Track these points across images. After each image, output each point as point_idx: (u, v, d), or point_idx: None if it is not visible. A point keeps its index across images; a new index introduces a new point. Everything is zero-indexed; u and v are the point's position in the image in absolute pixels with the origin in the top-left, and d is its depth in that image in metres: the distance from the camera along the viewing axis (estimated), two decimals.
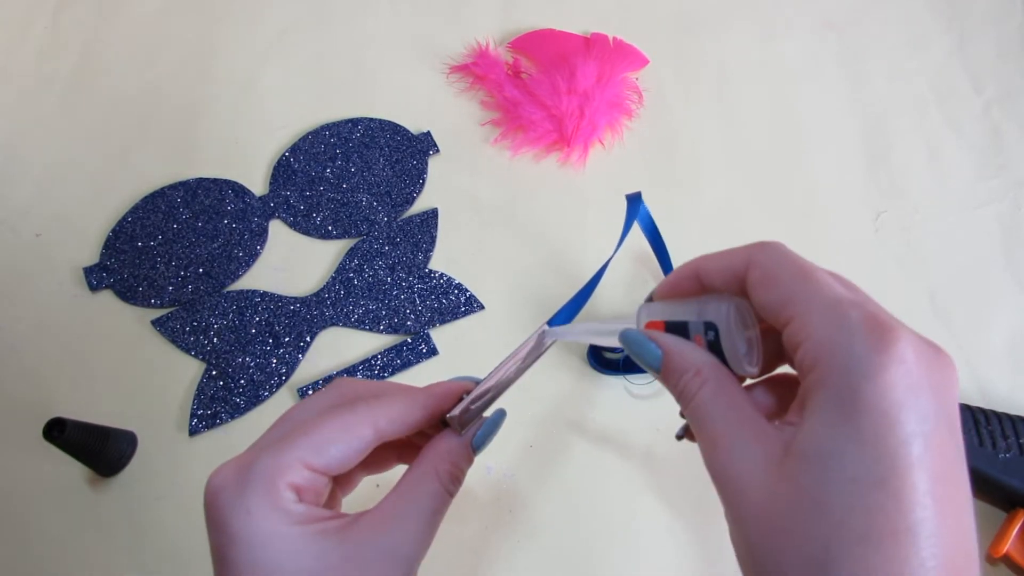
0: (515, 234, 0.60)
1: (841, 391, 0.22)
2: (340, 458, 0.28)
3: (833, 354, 0.22)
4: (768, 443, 0.24)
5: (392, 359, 0.53)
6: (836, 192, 0.62)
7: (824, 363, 0.22)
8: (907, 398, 0.21)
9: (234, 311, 0.55)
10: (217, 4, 0.72)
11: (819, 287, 0.24)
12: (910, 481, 0.21)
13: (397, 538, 0.27)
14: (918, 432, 0.21)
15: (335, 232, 0.59)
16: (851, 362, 0.22)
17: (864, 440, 0.21)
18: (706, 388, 0.26)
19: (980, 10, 0.73)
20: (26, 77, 0.67)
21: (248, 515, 0.26)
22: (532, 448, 0.50)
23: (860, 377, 0.22)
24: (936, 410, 0.22)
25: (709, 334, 0.27)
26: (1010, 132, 0.65)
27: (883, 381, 0.21)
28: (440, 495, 0.29)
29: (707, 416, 0.26)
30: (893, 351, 0.22)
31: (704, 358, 0.27)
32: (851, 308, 0.23)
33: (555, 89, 0.63)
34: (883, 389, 0.21)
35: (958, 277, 0.58)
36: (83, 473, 0.49)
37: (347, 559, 0.26)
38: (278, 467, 0.27)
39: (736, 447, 0.24)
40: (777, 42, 0.71)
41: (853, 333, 0.22)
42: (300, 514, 0.27)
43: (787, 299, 0.24)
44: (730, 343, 0.26)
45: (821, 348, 0.23)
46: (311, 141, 0.63)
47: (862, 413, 0.21)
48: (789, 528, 0.22)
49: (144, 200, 0.59)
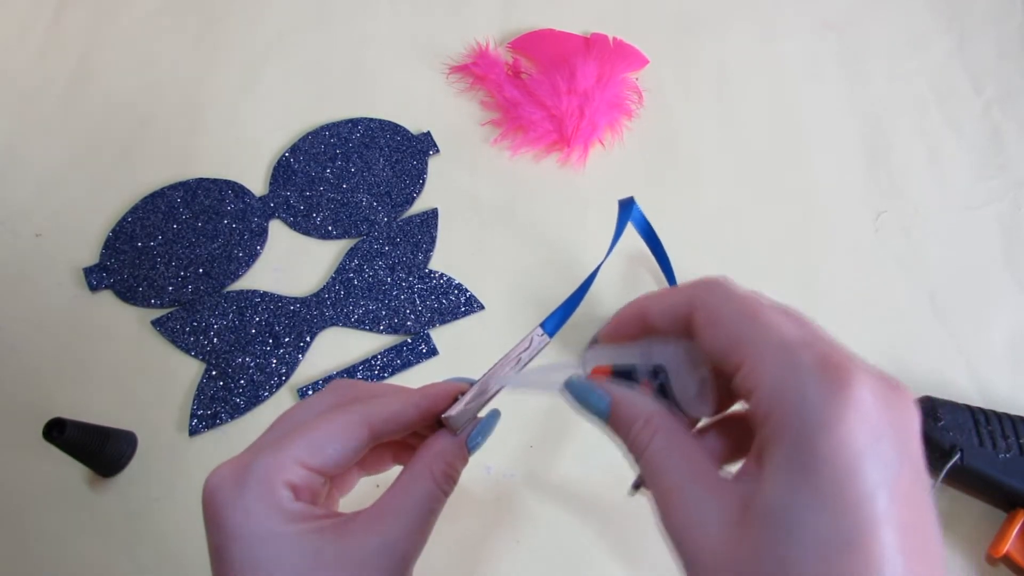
0: (515, 234, 0.60)
1: (798, 444, 0.21)
2: (336, 458, 0.28)
3: (786, 403, 0.21)
4: (725, 499, 0.22)
5: (392, 359, 0.53)
6: (836, 192, 0.62)
7: (778, 413, 0.21)
8: (867, 446, 0.20)
9: (234, 311, 0.55)
10: (217, 4, 0.72)
11: (767, 328, 0.23)
12: (878, 539, 0.20)
13: (391, 536, 0.27)
14: (881, 483, 0.20)
15: (335, 232, 0.59)
16: (806, 411, 0.21)
17: (826, 497, 0.20)
18: (657, 439, 0.25)
19: (980, 10, 0.73)
20: (26, 77, 0.67)
21: (246, 514, 0.26)
22: (532, 448, 0.50)
23: (816, 428, 0.20)
24: (899, 454, 0.21)
25: (659, 378, 0.26)
26: (1010, 132, 0.65)
27: (841, 431, 0.20)
28: (434, 494, 0.29)
29: (660, 469, 0.24)
30: (849, 396, 0.21)
31: (653, 406, 0.26)
32: (802, 350, 0.22)
33: (555, 89, 0.63)
34: (841, 439, 0.20)
35: (958, 277, 0.58)
36: (83, 473, 0.49)
37: (342, 557, 0.26)
38: (275, 466, 0.27)
39: (691, 503, 0.23)
40: (777, 42, 0.71)
41: (806, 379, 0.21)
42: (296, 513, 0.27)
43: (735, 342, 0.23)
44: (680, 386, 0.25)
45: (774, 396, 0.22)
46: (311, 141, 0.63)
47: (821, 468, 0.20)
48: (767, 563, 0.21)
49: (144, 200, 0.59)
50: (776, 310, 0.24)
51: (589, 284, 0.36)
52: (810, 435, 0.20)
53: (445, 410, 0.31)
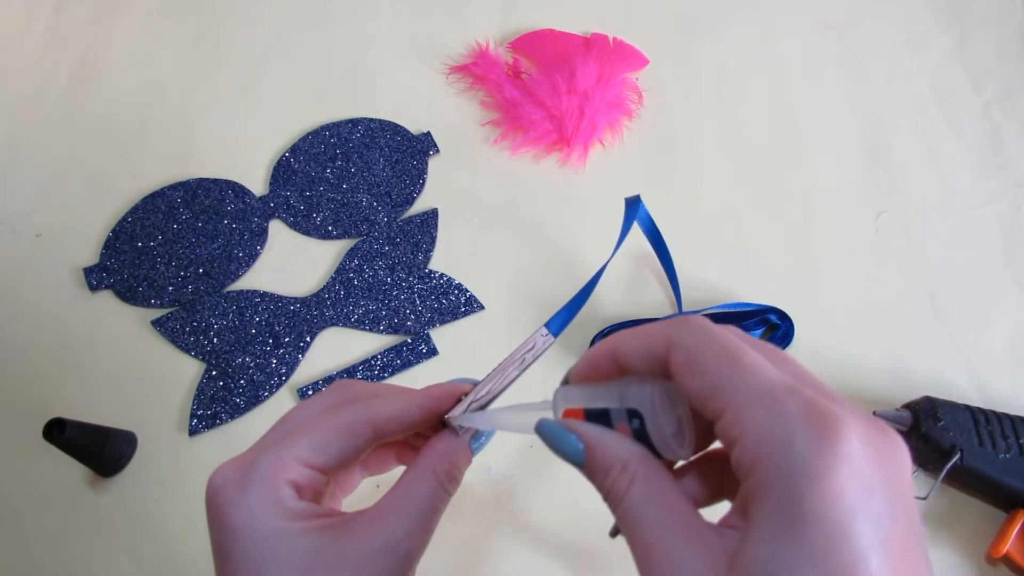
0: (515, 234, 0.60)
1: (786, 499, 0.20)
2: (339, 456, 0.28)
3: (772, 455, 0.20)
4: (709, 553, 0.21)
5: (392, 359, 0.53)
6: (836, 192, 0.62)
7: (764, 465, 0.20)
8: (859, 502, 0.19)
9: (234, 311, 0.55)
10: (217, 4, 0.72)
11: (751, 373, 0.22)
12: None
13: (393, 535, 0.27)
14: (875, 541, 0.19)
15: (335, 232, 0.59)
16: (793, 465, 0.20)
17: (817, 556, 0.19)
18: (635, 488, 0.24)
19: (980, 10, 0.73)
20: (26, 77, 0.67)
21: (249, 511, 0.26)
22: (532, 448, 0.50)
23: (805, 483, 0.20)
24: (891, 508, 0.20)
25: (634, 422, 0.25)
26: (1010, 132, 0.65)
27: (831, 486, 0.19)
28: (437, 493, 0.29)
29: (639, 521, 0.23)
30: (839, 448, 0.20)
31: (631, 450, 0.24)
32: (788, 397, 0.21)
33: (555, 89, 0.63)
34: (832, 495, 0.19)
35: (958, 277, 0.58)
36: (83, 473, 0.49)
37: (343, 555, 0.26)
38: (278, 465, 0.27)
39: (673, 558, 0.22)
40: (777, 42, 0.71)
41: (793, 429, 0.20)
42: (299, 511, 0.27)
43: (716, 387, 0.22)
44: (657, 430, 0.24)
45: (759, 448, 0.21)
46: (311, 141, 0.63)
47: (811, 525, 0.19)
48: None
49: (144, 200, 0.59)
50: (756, 350, 0.23)
51: (595, 283, 0.36)
52: (799, 490, 0.20)
53: (448, 411, 0.31)
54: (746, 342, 0.24)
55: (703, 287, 0.57)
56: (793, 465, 0.20)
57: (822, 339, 0.55)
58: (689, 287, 0.56)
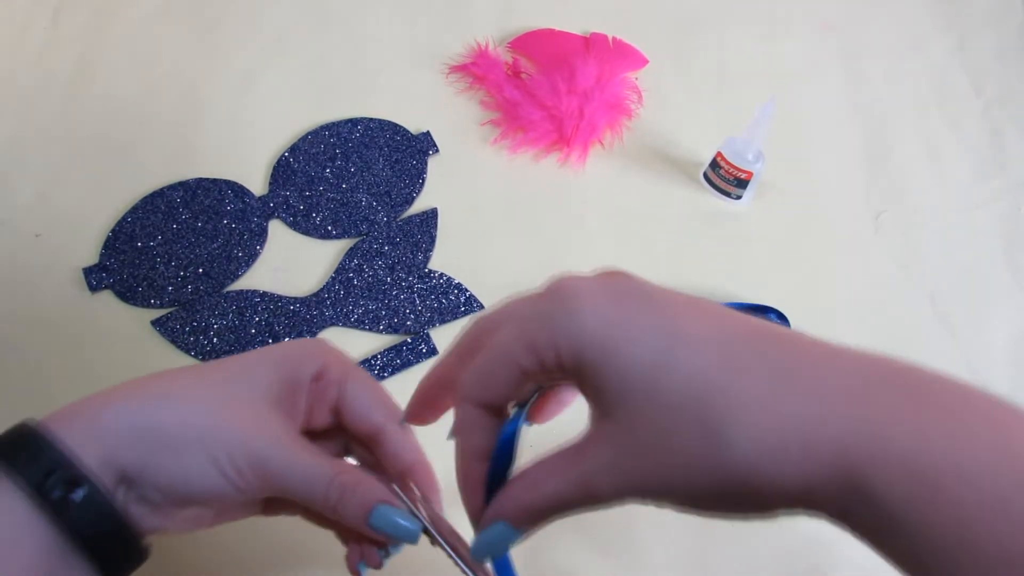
0: (515, 234, 0.60)
1: (588, 350, 0.24)
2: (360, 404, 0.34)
3: (561, 343, 0.25)
4: (593, 439, 0.25)
5: (392, 359, 0.53)
6: (836, 192, 0.62)
7: (566, 353, 0.24)
8: (613, 302, 0.24)
9: (234, 311, 0.55)
10: (217, 4, 0.72)
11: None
12: (677, 317, 0.24)
13: (265, 428, 0.31)
14: (641, 303, 0.24)
15: (335, 232, 0.59)
16: (571, 333, 0.24)
17: (628, 341, 0.24)
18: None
19: (980, 10, 0.73)
20: (26, 77, 0.67)
21: (291, 344, 0.35)
22: (532, 448, 0.50)
23: (582, 332, 0.24)
24: (631, 289, 0.25)
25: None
26: (1010, 132, 0.65)
27: (590, 316, 0.24)
28: (319, 485, 0.30)
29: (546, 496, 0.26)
30: (573, 294, 0.25)
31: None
32: (526, 313, 0.26)
33: (555, 89, 0.63)
34: (596, 316, 0.24)
35: (958, 277, 0.58)
36: None
37: (246, 403, 0.31)
38: (344, 358, 0.35)
39: (593, 469, 0.25)
40: (777, 42, 0.71)
41: (550, 321, 0.25)
42: (291, 382, 0.33)
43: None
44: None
45: (558, 350, 0.25)
46: (311, 141, 0.63)
47: (607, 338, 0.24)
48: (679, 426, 0.23)
49: (144, 200, 0.59)
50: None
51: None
52: (586, 336, 0.24)
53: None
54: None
55: (703, 287, 0.57)
56: (565, 331, 0.24)
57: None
58: (689, 287, 0.56)
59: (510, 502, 0.27)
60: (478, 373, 0.27)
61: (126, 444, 0.29)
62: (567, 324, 0.24)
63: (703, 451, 0.23)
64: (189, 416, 0.29)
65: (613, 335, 0.23)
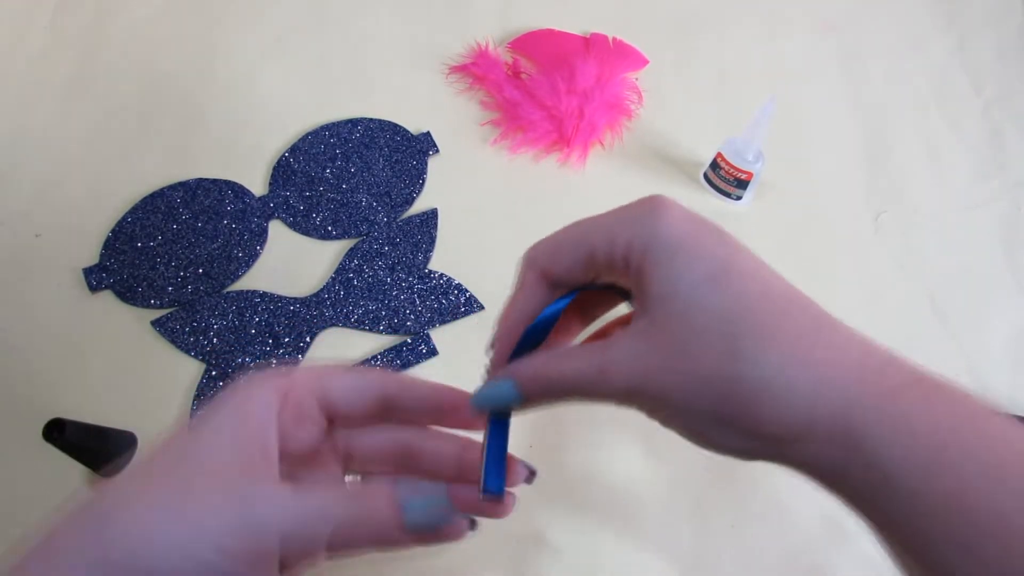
0: (515, 234, 0.59)
1: (654, 253, 0.26)
2: (347, 387, 0.30)
3: (636, 238, 0.26)
4: (623, 337, 0.26)
5: (392, 359, 0.53)
6: (836, 192, 0.62)
7: (637, 249, 0.26)
8: (696, 227, 0.26)
9: (234, 311, 0.55)
10: (217, 5, 0.72)
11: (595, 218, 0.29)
12: (740, 264, 0.25)
13: (257, 497, 0.26)
14: (719, 240, 0.26)
15: (335, 232, 0.59)
16: (650, 232, 0.26)
17: (688, 259, 0.25)
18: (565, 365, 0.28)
19: (980, 10, 0.73)
20: (26, 77, 0.67)
21: (230, 392, 0.28)
22: (532, 448, 0.50)
23: (658, 236, 0.26)
24: (718, 232, 0.26)
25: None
26: (1009, 132, 0.65)
27: (672, 226, 0.26)
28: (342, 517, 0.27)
29: (579, 376, 0.27)
30: (664, 207, 0.27)
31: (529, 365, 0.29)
32: (621, 210, 0.27)
33: (555, 89, 0.63)
34: (677, 229, 0.26)
35: (958, 277, 0.58)
36: (83, 473, 0.49)
37: (218, 479, 0.26)
38: (292, 373, 0.29)
39: (611, 360, 0.26)
40: (777, 42, 0.71)
41: (637, 219, 0.27)
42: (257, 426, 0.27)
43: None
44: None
45: (630, 244, 0.26)
46: (311, 141, 0.63)
47: (675, 250, 0.26)
48: (693, 349, 0.24)
49: (144, 200, 0.59)
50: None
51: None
52: (659, 240, 0.26)
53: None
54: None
55: None
56: (645, 230, 0.26)
57: None
58: None
59: (526, 367, 0.28)
60: (551, 243, 0.29)
61: None
62: (646, 222, 0.26)
63: (722, 362, 0.24)
64: (161, 540, 0.24)
65: (682, 245, 0.25)
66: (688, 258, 0.25)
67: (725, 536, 0.48)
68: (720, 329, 0.24)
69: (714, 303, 0.24)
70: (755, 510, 0.48)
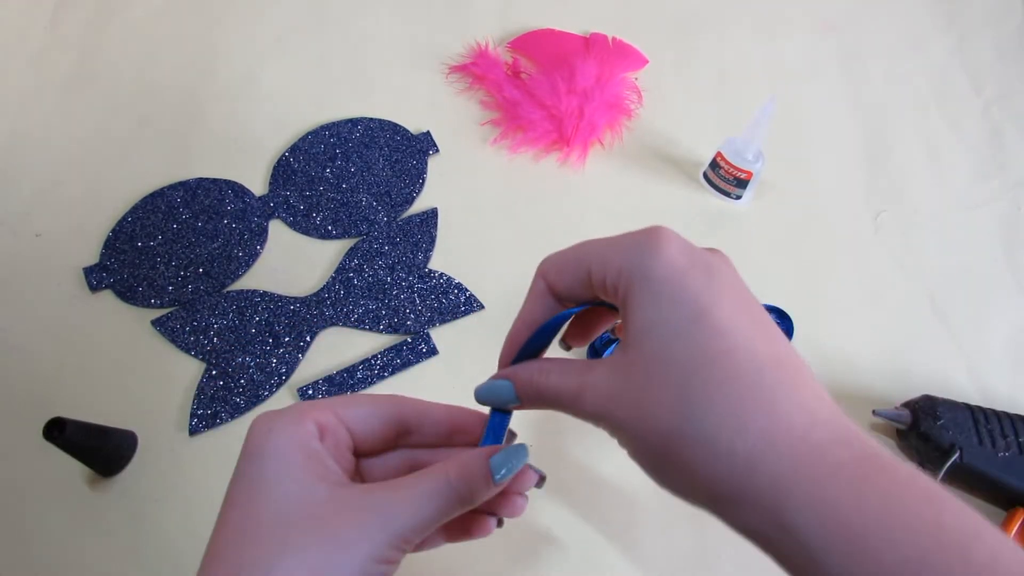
0: (515, 234, 0.60)
1: (639, 287, 0.26)
2: (364, 418, 0.31)
3: (625, 271, 0.27)
4: (604, 363, 0.28)
5: (392, 359, 0.53)
6: (836, 192, 0.62)
7: (624, 279, 0.27)
8: (688, 265, 0.26)
9: (234, 311, 0.55)
10: (217, 4, 0.72)
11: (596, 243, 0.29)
12: (718, 309, 0.25)
13: (383, 508, 0.28)
14: (707, 282, 0.26)
15: (335, 232, 0.59)
16: (637, 265, 0.26)
17: (670, 300, 0.25)
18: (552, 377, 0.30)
19: (979, 10, 0.73)
20: (26, 77, 0.67)
21: (268, 432, 0.28)
22: (532, 448, 0.50)
23: (647, 270, 0.26)
24: (716, 267, 0.26)
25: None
26: (1009, 132, 0.65)
27: (664, 260, 0.26)
28: (444, 493, 0.29)
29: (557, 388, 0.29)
30: (660, 241, 0.26)
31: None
32: (622, 237, 0.28)
33: (555, 89, 0.63)
34: (667, 264, 0.26)
35: (958, 277, 0.58)
36: (83, 473, 0.49)
37: (330, 500, 0.27)
38: (310, 406, 0.30)
39: (589, 383, 0.28)
40: (777, 42, 0.71)
41: (630, 251, 0.27)
42: (314, 451, 0.29)
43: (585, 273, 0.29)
44: None
45: (620, 275, 0.27)
46: (311, 141, 0.63)
47: (658, 289, 0.26)
48: (648, 392, 0.25)
49: (144, 200, 0.59)
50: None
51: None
52: (646, 274, 0.26)
53: (476, 434, 0.32)
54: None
55: None
56: (637, 265, 0.26)
57: (822, 338, 0.55)
58: None
59: (523, 372, 0.31)
60: (558, 258, 0.30)
61: None
62: (640, 254, 0.26)
63: (672, 413, 0.25)
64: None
65: (666, 285, 0.26)
66: (669, 302, 0.26)
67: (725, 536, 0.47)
68: (677, 380, 0.25)
69: (678, 353, 0.25)
70: None
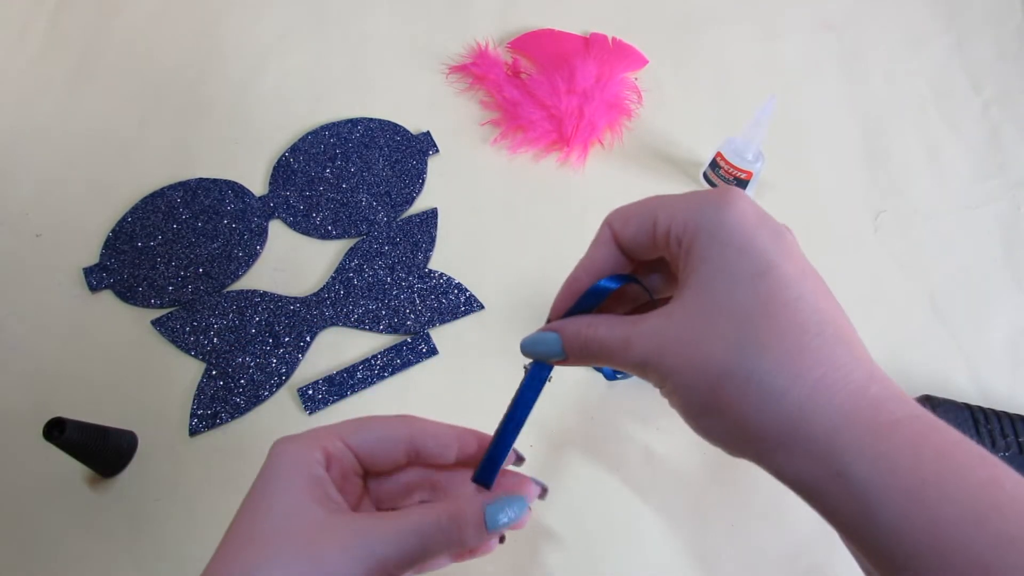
0: (515, 234, 0.60)
1: (707, 237, 0.26)
2: (370, 443, 0.32)
3: (694, 219, 0.27)
4: (656, 313, 0.28)
5: (392, 359, 0.53)
6: (836, 192, 0.62)
7: (691, 230, 0.27)
8: (757, 223, 0.26)
9: (234, 311, 0.55)
10: (217, 5, 0.72)
11: (668, 198, 0.29)
12: (783, 267, 0.25)
13: (368, 535, 0.28)
14: (774, 240, 0.26)
15: (335, 232, 0.59)
16: (710, 217, 0.26)
17: (738, 252, 0.26)
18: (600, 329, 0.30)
19: (979, 10, 0.73)
20: (26, 77, 0.67)
21: (280, 455, 0.30)
22: (532, 447, 0.50)
23: (718, 222, 0.26)
24: (781, 233, 0.27)
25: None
26: (1009, 132, 0.65)
27: (734, 216, 0.26)
28: (431, 532, 0.29)
29: (607, 336, 0.29)
30: (733, 200, 0.27)
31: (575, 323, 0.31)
32: (693, 192, 0.28)
33: (554, 89, 0.63)
34: (737, 220, 0.26)
35: (958, 277, 0.58)
36: (83, 473, 0.49)
37: (323, 524, 0.28)
38: (323, 433, 0.31)
39: (638, 332, 0.28)
40: (777, 42, 0.71)
41: (701, 202, 0.27)
42: (317, 477, 0.30)
43: (652, 217, 0.29)
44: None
45: (687, 224, 0.27)
46: (311, 141, 0.63)
47: (727, 239, 0.26)
48: (705, 335, 0.26)
49: (144, 200, 0.59)
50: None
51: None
52: (718, 226, 0.26)
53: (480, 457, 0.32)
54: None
55: None
56: (708, 214, 0.27)
57: None
58: None
59: (572, 325, 0.31)
60: (625, 210, 0.30)
61: None
62: (712, 208, 0.27)
63: (725, 354, 0.25)
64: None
65: (736, 238, 0.26)
66: (738, 252, 0.26)
67: (725, 536, 0.48)
68: (735, 323, 0.25)
69: (742, 299, 0.25)
70: (755, 510, 0.48)
